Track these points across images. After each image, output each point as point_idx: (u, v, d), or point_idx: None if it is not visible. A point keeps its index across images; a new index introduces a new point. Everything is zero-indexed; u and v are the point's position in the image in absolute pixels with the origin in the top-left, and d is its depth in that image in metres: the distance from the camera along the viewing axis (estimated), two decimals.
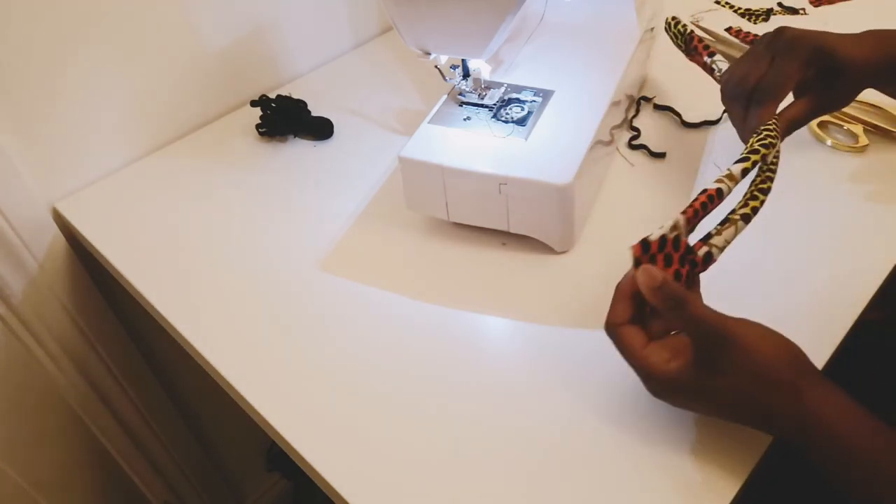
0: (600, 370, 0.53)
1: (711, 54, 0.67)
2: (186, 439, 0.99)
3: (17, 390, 0.78)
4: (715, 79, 0.65)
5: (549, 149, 0.61)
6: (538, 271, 0.62)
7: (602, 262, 0.62)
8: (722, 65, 0.65)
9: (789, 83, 0.56)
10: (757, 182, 0.52)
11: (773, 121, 0.55)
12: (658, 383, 0.45)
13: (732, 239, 0.49)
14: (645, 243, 0.46)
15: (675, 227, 0.47)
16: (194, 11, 0.76)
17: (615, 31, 0.74)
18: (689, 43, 0.71)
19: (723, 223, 0.49)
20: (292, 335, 0.58)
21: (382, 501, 0.47)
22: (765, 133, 0.54)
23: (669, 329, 0.48)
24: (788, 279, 0.59)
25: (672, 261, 0.46)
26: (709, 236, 0.48)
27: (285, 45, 0.87)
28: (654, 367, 0.45)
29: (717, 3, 0.94)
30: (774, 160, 0.54)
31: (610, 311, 0.48)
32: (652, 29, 0.80)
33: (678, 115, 0.76)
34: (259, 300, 0.61)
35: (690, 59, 0.71)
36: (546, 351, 0.55)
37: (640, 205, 0.67)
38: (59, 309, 0.76)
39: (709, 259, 0.48)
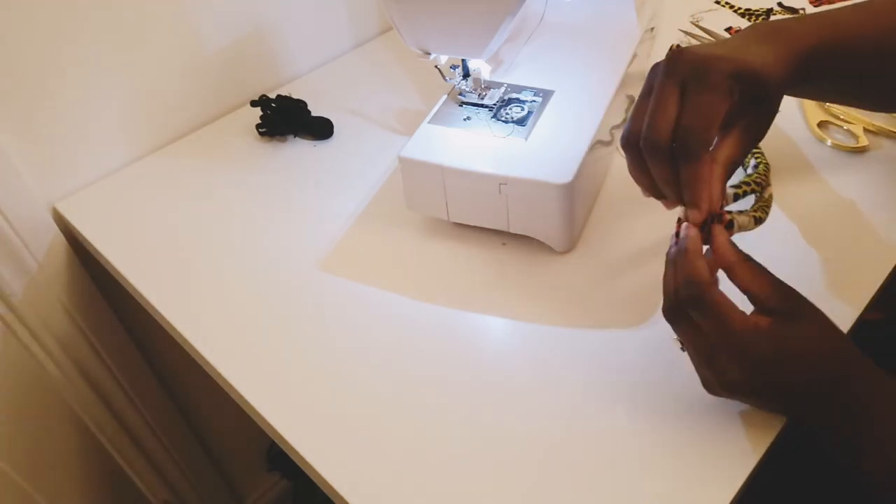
0: (600, 370, 0.53)
1: None
2: (186, 439, 0.99)
3: (17, 390, 0.78)
4: None
5: (549, 149, 0.61)
6: (538, 271, 0.62)
7: (602, 262, 0.62)
8: None
9: (716, 121, 0.45)
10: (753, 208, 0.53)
11: (760, 153, 0.55)
12: (759, 344, 0.44)
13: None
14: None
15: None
16: (194, 11, 0.76)
17: (615, 31, 0.74)
18: None
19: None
20: (292, 335, 0.58)
21: (382, 501, 0.47)
22: (759, 172, 0.55)
23: None
24: (788, 279, 0.58)
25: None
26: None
27: (285, 45, 0.87)
28: (754, 324, 0.44)
29: (717, 3, 0.94)
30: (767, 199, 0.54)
31: (691, 268, 0.45)
32: (652, 29, 0.80)
33: None
34: (259, 300, 0.61)
35: None
36: (546, 351, 0.55)
37: (641, 205, 0.67)
38: (59, 309, 0.76)
39: (731, 226, 0.48)
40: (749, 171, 0.60)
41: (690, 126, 0.44)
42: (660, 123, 0.45)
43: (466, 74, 0.65)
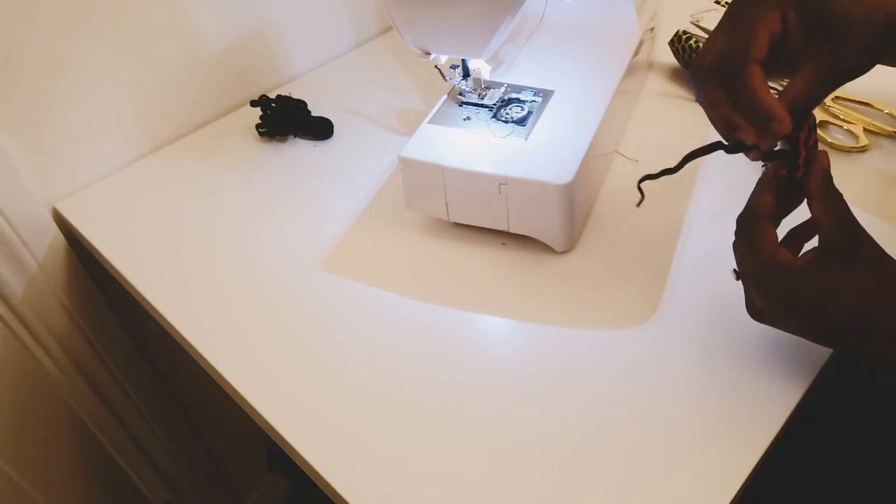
0: (600, 370, 0.54)
1: None
2: (186, 439, 0.99)
3: (17, 390, 0.78)
4: None
5: (549, 149, 0.61)
6: (538, 271, 0.62)
7: (602, 262, 0.62)
8: None
9: (754, 39, 0.44)
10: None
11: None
12: (782, 279, 0.45)
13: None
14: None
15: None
16: (194, 11, 0.76)
17: (615, 31, 0.74)
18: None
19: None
20: (292, 335, 0.58)
21: (382, 501, 0.47)
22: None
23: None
24: None
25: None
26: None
27: (285, 45, 0.87)
28: (786, 260, 0.45)
29: (717, 3, 0.94)
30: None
31: (755, 199, 0.47)
32: (652, 29, 0.80)
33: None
34: (259, 300, 0.61)
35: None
36: (546, 351, 0.55)
37: (641, 205, 0.67)
38: (59, 309, 0.76)
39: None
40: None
41: (728, 46, 0.46)
42: (704, 48, 0.47)
43: (466, 74, 0.65)
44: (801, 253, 0.48)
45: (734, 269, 0.49)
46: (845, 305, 0.44)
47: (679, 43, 0.78)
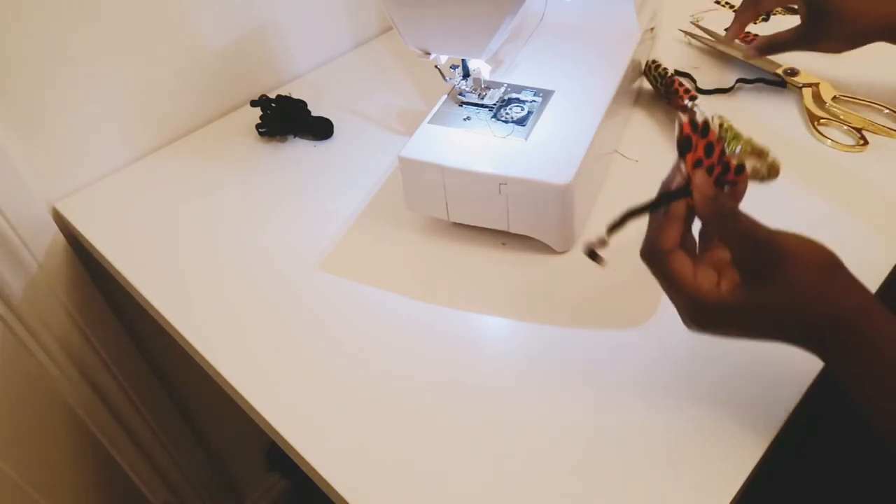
0: (600, 370, 0.53)
1: (692, 98, 0.67)
2: (186, 439, 0.99)
3: (17, 390, 0.78)
4: None
5: (549, 149, 0.61)
6: (538, 271, 0.62)
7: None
8: (702, 109, 0.64)
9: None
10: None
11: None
12: (709, 311, 0.44)
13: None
14: (694, 123, 0.43)
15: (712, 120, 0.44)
16: (194, 11, 0.76)
17: (615, 31, 0.74)
18: (670, 87, 0.72)
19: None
20: (292, 335, 0.58)
21: (382, 501, 0.47)
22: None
23: (705, 246, 0.47)
24: None
25: (712, 153, 0.44)
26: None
27: (285, 45, 0.87)
28: (707, 295, 0.43)
29: (717, 3, 0.94)
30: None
31: (657, 234, 0.45)
32: (652, 29, 0.80)
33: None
34: (259, 300, 0.61)
35: (669, 103, 0.71)
36: (545, 351, 0.55)
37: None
38: (59, 309, 0.76)
39: (741, 171, 0.44)
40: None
41: None
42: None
43: (466, 74, 0.65)
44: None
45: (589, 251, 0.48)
46: (771, 330, 0.44)
47: (651, 73, 0.77)
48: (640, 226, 0.65)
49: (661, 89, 0.75)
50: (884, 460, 0.62)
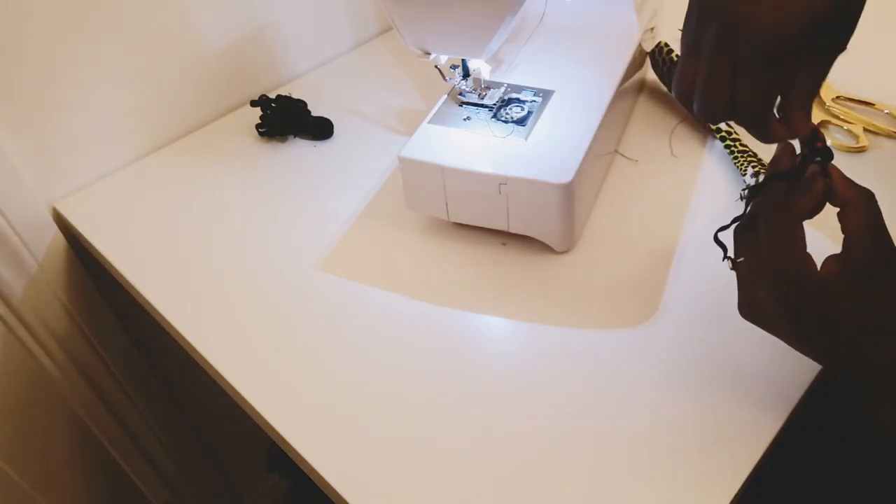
0: (600, 370, 0.53)
1: None
2: (186, 439, 0.99)
3: (17, 390, 0.78)
4: None
5: (549, 149, 0.61)
6: (538, 271, 0.62)
7: (602, 261, 0.62)
8: None
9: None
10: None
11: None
12: (811, 286, 0.42)
13: None
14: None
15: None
16: (194, 11, 0.76)
17: (615, 31, 0.74)
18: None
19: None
20: (292, 335, 0.58)
21: (382, 501, 0.47)
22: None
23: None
24: None
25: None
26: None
27: (285, 45, 0.87)
28: (818, 270, 0.42)
29: None
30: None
31: (795, 196, 0.44)
32: (652, 29, 0.80)
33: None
34: (259, 300, 0.61)
35: (670, 91, 0.71)
36: (546, 351, 0.55)
37: (641, 204, 0.67)
38: (59, 309, 0.76)
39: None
40: (748, 180, 0.59)
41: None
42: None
43: (466, 74, 0.65)
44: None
45: (730, 257, 0.46)
46: (858, 329, 0.42)
47: (659, 56, 0.76)
48: (640, 225, 0.65)
49: (667, 77, 0.75)
50: (884, 460, 0.62)
